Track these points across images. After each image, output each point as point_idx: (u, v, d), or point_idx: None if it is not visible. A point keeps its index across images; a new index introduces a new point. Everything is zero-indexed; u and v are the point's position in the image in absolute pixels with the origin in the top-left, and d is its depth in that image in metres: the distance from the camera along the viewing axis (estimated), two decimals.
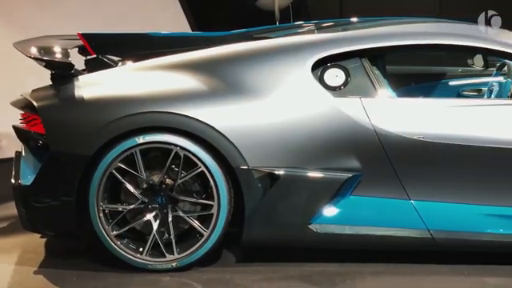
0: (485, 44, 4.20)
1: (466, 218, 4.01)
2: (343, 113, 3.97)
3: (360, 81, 4.09)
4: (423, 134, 3.95)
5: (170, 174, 3.97)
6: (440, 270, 4.03)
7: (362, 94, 4.04)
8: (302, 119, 3.97)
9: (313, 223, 3.98)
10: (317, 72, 4.08)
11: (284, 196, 3.94)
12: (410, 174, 3.99)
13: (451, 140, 3.94)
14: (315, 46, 4.15)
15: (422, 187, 4.01)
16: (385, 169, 3.98)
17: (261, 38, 4.52)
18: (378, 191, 4.02)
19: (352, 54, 4.12)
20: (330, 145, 3.96)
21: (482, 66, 5.62)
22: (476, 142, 3.94)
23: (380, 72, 4.30)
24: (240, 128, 3.93)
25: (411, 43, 4.22)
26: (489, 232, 3.99)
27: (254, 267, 4.08)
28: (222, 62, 4.17)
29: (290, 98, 4.01)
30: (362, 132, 3.96)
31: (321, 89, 4.02)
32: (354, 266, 4.08)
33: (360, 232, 4.01)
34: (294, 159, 3.94)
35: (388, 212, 4.02)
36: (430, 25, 4.84)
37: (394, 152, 3.96)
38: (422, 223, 3.98)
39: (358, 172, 3.97)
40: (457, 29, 4.61)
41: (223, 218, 3.94)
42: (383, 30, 4.51)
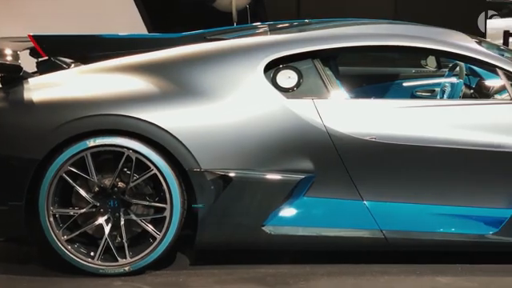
0: (437, 46, 4.24)
1: (418, 218, 4.05)
2: (296, 114, 3.97)
3: (312, 82, 4.10)
4: (376, 135, 3.97)
5: (122, 177, 3.93)
6: (392, 269, 4.05)
7: (315, 95, 4.05)
8: (255, 121, 3.96)
9: (266, 225, 3.97)
10: (269, 73, 4.07)
11: (237, 198, 3.93)
12: (362, 175, 4.01)
13: (403, 141, 3.97)
14: (267, 48, 4.15)
15: (375, 188, 4.04)
16: (338, 170, 3.99)
17: (214, 39, 4.51)
18: (331, 192, 4.03)
19: (304, 55, 4.13)
20: (282, 146, 3.96)
21: (435, 67, 5.67)
22: (428, 143, 3.97)
23: (333, 73, 4.32)
24: (192, 130, 3.90)
25: (363, 44, 4.25)
26: (440, 231, 4.03)
27: (208, 270, 4.06)
28: (174, 64, 4.15)
29: (242, 99, 4.00)
30: (314, 133, 3.96)
31: (273, 90, 4.02)
32: (307, 267, 4.08)
33: (313, 233, 4.02)
34: (247, 161, 3.94)
35: (341, 213, 4.04)
36: (383, 26, 4.87)
37: (346, 153, 3.97)
38: (374, 223, 4.01)
39: (311, 173, 3.98)
40: (409, 30, 4.64)
41: (176, 221, 3.91)
42: (335, 32, 4.52)
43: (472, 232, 4.02)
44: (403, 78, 5.60)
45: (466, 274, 3.99)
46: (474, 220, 4.04)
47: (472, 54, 4.18)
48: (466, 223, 4.04)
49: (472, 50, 4.21)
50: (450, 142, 3.98)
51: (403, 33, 4.47)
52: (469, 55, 4.18)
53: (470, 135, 3.98)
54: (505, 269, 4.04)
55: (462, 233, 4.02)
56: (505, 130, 3.99)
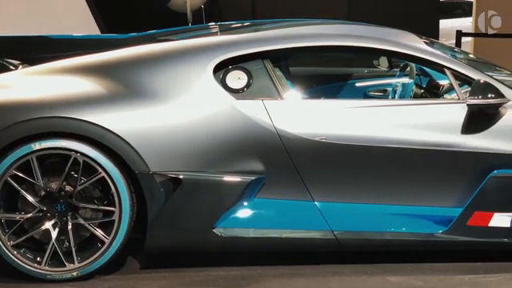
0: (385, 46, 4.25)
1: (369, 218, 4.06)
2: (246, 115, 3.95)
3: (262, 83, 4.08)
4: (326, 136, 3.97)
5: (70, 180, 3.87)
6: (343, 270, 4.06)
7: (265, 96, 4.03)
8: (204, 122, 3.93)
9: (217, 227, 3.94)
10: (219, 74, 4.04)
11: (187, 200, 3.89)
12: (313, 176, 4.01)
13: (354, 141, 3.98)
14: (217, 49, 4.12)
15: (326, 188, 4.03)
16: (288, 171, 3.98)
17: (164, 40, 4.47)
18: (281, 193, 4.02)
19: (254, 55, 4.11)
20: (233, 148, 3.94)
21: (387, 67, 5.70)
22: (378, 143, 3.98)
23: (283, 73, 4.31)
24: (141, 132, 3.85)
25: (313, 45, 4.24)
26: (391, 231, 4.04)
27: (159, 273, 4.02)
28: (123, 65, 4.09)
29: (191, 101, 3.96)
30: (264, 134, 3.95)
31: (223, 91, 3.99)
32: (258, 268, 4.06)
33: (265, 235, 4.00)
34: (196, 163, 3.90)
35: (292, 214, 4.03)
36: (333, 26, 4.88)
37: (296, 154, 3.97)
38: (325, 224, 4.01)
39: (261, 175, 3.96)
40: (358, 31, 4.65)
41: (125, 225, 3.85)
42: (286, 32, 4.52)
43: (422, 231, 4.04)
44: (355, 78, 5.62)
45: (416, 273, 4.01)
46: (424, 219, 4.07)
47: (420, 53, 4.20)
48: (416, 222, 4.06)
49: (420, 50, 4.23)
50: (399, 141, 3.99)
51: (351, 33, 4.48)
52: (416, 55, 4.20)
53: (420, 135, 4.00)
54: (454, 267, 4.06)
55: (412, 232, 4.04)
56: (453, 130, 4.02)
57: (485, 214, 4.01)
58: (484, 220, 4.01)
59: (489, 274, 3.97)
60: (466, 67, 4.21)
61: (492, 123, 4.01)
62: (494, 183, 3.97)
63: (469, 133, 4.00)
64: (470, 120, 4.01)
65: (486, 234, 4.02)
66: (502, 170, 3.97)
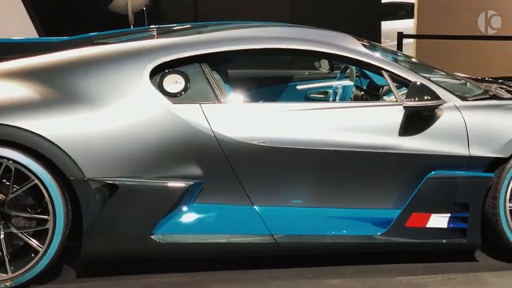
0: (325, 49, 4.24)
1: (309, 221, 4.05)
2: (183, 120, 3.89)
3: (200, 86, 4.03)
4: (264, 139, 3.94)
5: (1, 188, 3.76)
6: (284, 274, 4.04)
7: (203, 100, 3.99)
8: (141, 127, 3.86)
9: (155, 233, 3.87)
10: (156, 78, 3.98)
11: (124, 207, 3.82)
12: (252, 180, 3.98)
13: (292, 144, 3.96)
14: (154, 52, 4.05)
15: (265, 192, 4.01)
16: (227, 175, 3.94)
17: (100, 43, 4.38)
18: (221, 198, 3.98)
19: (191, 59, 4.05)
20: (170, 153, 3.88)
21: (328, 69, 5.71)
22: (317, 146, 3.97)
23: (221, 77, 4.27)
24: (75, 138, 3.76)
25: (252, 48, 4.20)
26: (331, 234, 4.04)
27: (96, 282, 3.94)
28: (57, 69, 4.00)
29: (127, 105, 3.89)
30: (202, 139, 3.90)
31: (160, 95, 3.93)
32: (198, 274, 4.02)
33: (204, 240, 3.95)
34: (133, 168, 3.83)
35: (232, 219, 3.99)
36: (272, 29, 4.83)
37: (235, 158, 3.93)
38: (265, 228, 3.98)
39: (200, 179, 3.91)
40: (296, 33, 4.65)
41: (60, 233, 3.76)
42: (224, 35, 4.48)
43: (361, 233, 4.04)
44: (296, 80, 5.61)
45: (356, 275, 4.02)
46: (363, 221, 4.08)
47: (357, 56, 4.21)
48: (356, 225, 4.07)
49: (357, 53, 4.24)
50: (338, 144, 3.99)
51: (288, 36, 4.48)
52: (354, 57, 4.21)
53: (358, 137, 4.00)
54: (393, 269, 4.08)
55: (352, 235, 4.04)
56: (391, 132, 4.03)
57: (422, 215, 4.03)
58: (422, 221, 4.04)
59: (427, 275, 4.00)
60: (403, 69, 4.23)
61: (429, 125, 4.04)
62: (431, 184, 4.00)
63: (406, 135, 4.02)
64: (408, 122, 4.03)
65: (424, 234, 4.05)
66: (439, 171, 4.00)
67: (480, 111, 4.13)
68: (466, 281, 3.93)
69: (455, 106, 4.10)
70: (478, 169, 4.03)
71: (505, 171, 4.01)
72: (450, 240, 4.06)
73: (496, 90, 4.69)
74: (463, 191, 4.03)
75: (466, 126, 4.03)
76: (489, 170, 4.05)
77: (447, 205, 4.04)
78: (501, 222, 4.02)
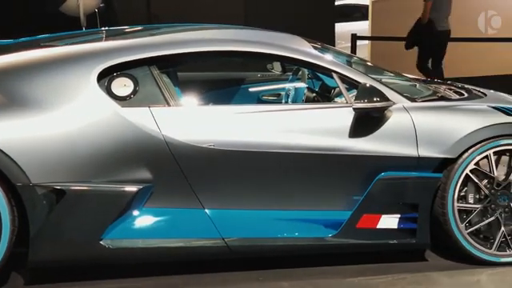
0: (275, 51, 4.23)
1: (260, 224, 4.03)
2: (132, 123, 3.85)
3: (149, 90, 3.99)
4: (214, 142, 3.92)
5: None
6: (235, 277, 4.02)
7: (152, 103, 3.94)
8: (89, 132, 3.81)
9: (104, 239, 3.82)
10: (104, 82, 3.92)
11: (71, 212, 3.76)
12: (202, 183, 3.95)
13: (243, 147, 3.94)
14: (101, 55, 4.00)
15: (216, 195, 3.99)
16: (177, 179, 3.91)
17: (47, 46, 4.31)
18: (171, 202, 3.95)
19: (140, 62, 4.01)
20: (119, 157, 3.83)
21: (281, 71, 5.71)
22: (268, 148, 3.96)
23: (171, 80, 4.23)
24: (21, 143, 3.69)
25: (201, 50, 4.17)
26: (282, 236, 4.03)
27: None
28: (1, 73, 3.92)
29: (75, 109, 3.83)
30: (152, 142, 3.86)
31: (108, 99, 3.88)
32: (150, 279, 3.98)
33: (154, 245, 3.90)
34: (81, 173, 3.78)
35: (182, 222, 3.96)
36: (222, 31, 4.84)
37: (185, 161, 3.90)
38: (216, 232, 3.95)
39: (149, 183, 3.88)
40: (248, 36, 4.63)
41: (6, 240, 3.69)
42: (173, 38, 4.44)
43: (313, 235, 4.04)
44: (249, 82, 5.60)
45: (308, 277, 4.02)
46: (315, 223, 4.08)
47: (307, 58, 4.21)
48: (307, 227, 4.07)
49: (307, 54, 4.25)
50: (289, 146, 3.98)
51: (238, 38, 4.46)
52: (303, 59, 4.21)
53: (309, 139, 4.00)
54: (344, 270, 4.09)
55: (303, 237, 4.04)
56: (342, 134, 4.04)
57: (373, 216, 4.05)
58: (372, 222, 4.05)
59: (378, 276, 4.02)
60: (353, 71, 4.25)
61: (378, 126, 4.05)
62: (381, 185, 4.02)
63: (356, 136, 4.03)
64: (358, 123, 4.04)
65: (375, 235, 4.06)
66: (389, 173, 4.02)
67: (428, 112, 4.17)
68: (416, 280, 3.95)
69: (404, 107, 4.13)
70: (426, 169, 4.06)
71: (453, 171, 4.05)
72: (401, 240, 4.08)
73: (445, 91, 4.74)
74: (413, 192, 4.05)
75: (415, 127, 4.06)
76: (437, 171, 4.08)
77: (397, 206, 4.06)
78: (449, 222, 4.06)
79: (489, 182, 4.14)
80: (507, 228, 4.15)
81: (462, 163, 4.05)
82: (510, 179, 4.15)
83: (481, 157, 4.08)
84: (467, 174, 4.07)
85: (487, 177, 4.13)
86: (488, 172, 4.11)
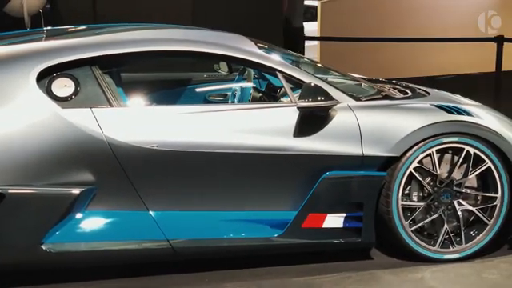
0: (219, 50, 4.20)
1: (206, 225, 4.00)
2: (73, 124, 3.78)
3: (91, 90, 3.92)
4: (157, 143, 3.87)
5: None
6: (181, 279, 3.99)
7: (94, 104, 3.88)
8: (28, 133, 3.72)
9: (45, 243, 3.74)
10: (43, 82, 3.85)
11: (11, 216, 3.67)
12: (146, 185, 3.90)
13: (187, 147, 3.90)
14: (40, 55, 3.92)
15: (160, 197, 3.94)
16: (120, 181, 3.85)
17: None
18: (114, 204, 3.89)
19: (81, 62, 3.94)
20: (59, 159, 3.76)
21: (227, 71, 5.68)
22: (213, 148, 3.93)
23: (114, 80, 4.16)
24: None
25: (145, 50, 4.12)
26: (228, 237, 4.00)
27: None
28: None
29: (13, 110, 3.74)
30: (94, 144, 3.80)
31: (47, 100, 3.80)
32: (95, 283, 3.92)
33: (97, 248, 3.83)
34: (19, 176, 3.69)
35: (126, 225, 3.90)
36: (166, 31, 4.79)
37: (128, 163, 3.84)
38: (161, 234, 3.90)
39: (92, 185, 3.81)
40: (192, 35, 4.60)
41: None
42: (116, 37, 4.38)
43: (258, 236, 4.02)
44: (195, 83, 5.55)
45: (254, 278, 4.00)
46: (261, 224, 4.06)
47: (251, 57, 4.19)
48: (253, 227, 4.05)
49: (251, 54, 4.22)
50: (234, 146, 3.96)
51: (182, 38, 4.42)
52: (248, 59, 4.19)
53: (254, 139, 3.98)
54: (290, 270, 4.09)
55: (249, 237, 4.02)
56: (287, 133, 4.02)
57: (319, 215, 4.05)
58: (318, 222, 4.05)
59: (323, 275, 4.02)
60: (297, 70, 4.24)
61: (323, 125, 4.05)
62: (326, 185, 4.02)
63: (301, 136, 4.03)
64: (302, 123, 4.03)
65: (321, 235, 4.06)
66: (334, 172, 4.02)
67: (372, 111, 4.18)
68: (361, 279, 3.97)
69: (348, 106, 4.14)
70: (371, 168, 4.08)
71: (397, 170, 4.07)
72: (346, 239, 4.09)
73: (389, 90, 4.77)
74: (357, 191, 4.06)
75: (359, 126, 4.07)
76: (382, 169, 4.10)
77: (342, 205, 4.07)
78: (394, 220, 4.09)
79: (432, 180, 4.18)
80: (450, 225, 4.21)
81: (405, 161, 4.08)
82: (452, 177, 4.19)
83: (424, 155, 4.11)
84: (411, 172, 4.10)
85: (430, 175, 4.17)
86: (431, 170, 4.15)
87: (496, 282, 3.94)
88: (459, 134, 4.13)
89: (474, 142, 4.14)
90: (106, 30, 4.63)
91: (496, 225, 4.22)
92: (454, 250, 4.20)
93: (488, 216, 4.22)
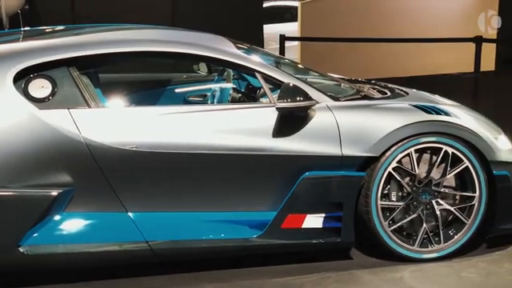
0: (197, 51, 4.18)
1: (185, 226, 3.99)
2: (50, 126, 3.75)
3: (68, 91, 3.90)
4: (136, 144, 3.85)
5: None
6: (159, 280, 3.97)
7: (71, 105, 3.85)
8: (5, 135, 3.70)
9: (22, 245, 3.72)
10: (20, 83, 3.82)
11: None
12: (125, 186, 3.88)
13: (166, 148, 3.88)
14: (17, 56, 3.89)
15: (139, 198, 3.92)
16: (99, 182, 3.83)
17: None
18: (93, 206, 3.87)
19: (59, 63, 3.91)
20: (37, 160, 3.73)
21: (207, 72, 5.67)
22: (191, 149, 3.91)
23: (91, 81, 4.13)
24: None
25: (123, 51, 4.10)
26: (207, 238, 3.99)
27: None
28: None
29: None
30: (71, 145, 3.77)
31: (24, 101, 3.77)
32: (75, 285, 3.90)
33: (76, 250, 3.81)
34: None
35: (105, 226, 3.88)
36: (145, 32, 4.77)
37: (106, 164, 3.82)
38: (140, 235, 3.89)
39: (70, 187, 3.79)
40: (170, 36, 4.59)
41: None
42: (94, 38, 4.36)
43: (238, 237, 4.01)
44: (174, 83, 5.53)
45: (233, 278, 3.99)
46: (240, 224, 4.05)
47: (230, 58, 4.18)
48: (233, 228, 4.04)
49: (230, 55, 4.21)
50: (214, 147, 3.95)
51: (159, 38, 4.42)
52: (226, 59, 4.18)
53: (234, 140, 3.97)
54: (270, 270, 4.08)
55: (228, 238, 4.01)
56: (266, 133, 4.02)
57: (298, 216, 4.05)
58: (297, 222, 4.05)
59: (303, 275, 4.02)
60: (276, 71, 4.24)
61: (302, 126, 4.05)
62: (305, 185, 4.02)
63: (280, 136, 4.02)
64: (281, 123, 4.03)
65: (301, 235, 4.06)
66: (313, 172, 4.03)
67: (351, 111, 4.19)
68: (340, 279, 3.97)
69: (327, 106, 4.14)
70: (350, 168, 4.09)
71: (376, 170, 4.08)
72: (326, 239, 4.09)
73: (368, 90, 4.78)
74: (337, 191, 4.07)
75: (338, 126, 4.08)
76: (361, 169, 4.11)
77: (322, 205, 4.07)
78: (373, 220, 4.10)
79: (411, 180, 4.19)
80: (429, 225, 4.22)
81: (384, 161, 4.09)
82: (431, 176, 4.20)
83: (403, 155, 4.12)
84: (390, 172, 4.11)
85: (409, 174, 4.18)
86: (410, 170, 4.16)
87: (474, 280, 3.96)
88: (437, 134, 4.15)
89: (452, 141, 4.16)
90: (84, 31, 4.61)
91: (474, 224, 4.25)
92: (432, 250, 4.21)
93: (466, 215, 4.24)
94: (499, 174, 4.23)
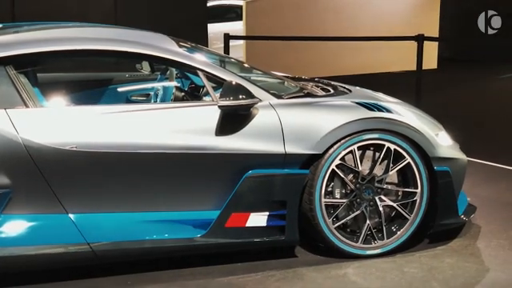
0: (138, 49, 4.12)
1: (127, 227, 3.93)
2: None
3: (5, 91, 3.80)
4: (76, 144, 3.78)
5: None
6: (102, 283, 3.90)
7: (8, 105, 3.76)
8: None
9: None
10: None
11: None
12: (65, 187, 3.81)
13: (106, 148, 3.82)
14: None
15: (79, 199, 3.85)
16: (37, 183, 3.75)
17: None
18: (31, 207, 3.79)
19: None
20: None
21: (150, 71, 5.60)
22: (132, 149, 3.86)
23: (29, 80, 4.04)
24: None
25: (60, 49, 4.01)
26: (150, 239, 3.93)
27: None
28: None
29: None
30: (8, 146, 3.68)
31: None
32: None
33: (13, 253, 3.72)
34: None
35: (44, 229, 3.80)
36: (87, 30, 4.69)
37: (45, 165, 3.74)
38: (81, 237, 3.81)
39: (7, 189, 3.70)
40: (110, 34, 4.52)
41: None
42: (32, 36, 4.26)
43: (181, 236, 3.97)
44: (116, 83, 5.45)
45: (177, 279, 3.95)
46: (184, 224, 4.02)
47: (171, 56, 4.13)
48: (176, 228, 4.00)
49: (171, 53, 4.17)
50: (156, 146, 3.90)
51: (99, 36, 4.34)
52: (168, 57, 4.13)
53: (176, 138, 3.93)
54: (214, 270, 4.05)
55: (172, 238, 3.96)
56: (208, 132, 3.99)
57: (242, 214, 4.03)
58: (241, 221, 4.03)
59: (247, 274, 4.00)
60: (219, 69, 4.21)
61: (245, 124, 4.03)
62: (248, 184, 4.00)
63: (223, 134, 4.00)
64: (224, 121, 4.00)
65: (244, 234, 4.04)
66: (256, 170, 4.01)
67: (294, 109, 4.19)
68: (285, 277, 3.97)
69: (270, 104, 4.13)
70: (293, 166, 4.09)
71: (319, 167, 4.09)
72: (270, 238, 4.08)
73: (312, 88, 4.79)
74: (280, 189, 4.06)
75: (281, 124, 4.07)
76: (304, 167, 4.11)
77: (265, 203, 4.06)
78: (317, 217, 4.10)
79: (354, 177, 4.21)
80: (372, 221, 4.25)
81: (327, 159, 4.10)
82: (374, 173, 4.23)
83: (346, 152, 4.14)
84: (333, 169, 4.13)
85: (352, 171, 4.20)
86: (353, 167, 4.18)
87: (417, 275, 4.00)
88: (380, 131, 4.18)
89: (393, 138, 4.19)
90: (22, 29, 4.50)
91: (416, 219, 4.29)
92: (376, 246, 4.25)
93: (408, 211, 4.29)
94: (440, 170, 4.29)
